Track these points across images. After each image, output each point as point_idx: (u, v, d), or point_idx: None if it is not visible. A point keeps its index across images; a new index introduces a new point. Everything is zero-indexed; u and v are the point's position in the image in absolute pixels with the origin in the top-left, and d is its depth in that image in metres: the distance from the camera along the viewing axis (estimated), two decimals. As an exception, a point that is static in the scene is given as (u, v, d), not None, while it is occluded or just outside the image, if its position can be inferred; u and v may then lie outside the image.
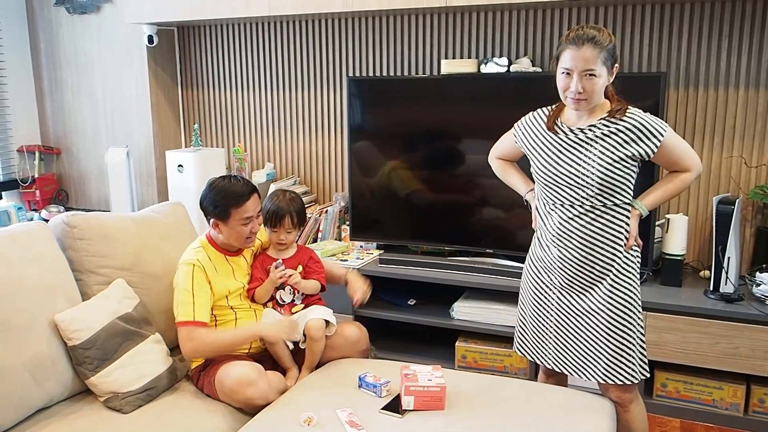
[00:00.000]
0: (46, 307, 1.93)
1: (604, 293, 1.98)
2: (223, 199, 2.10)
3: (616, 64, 1.90)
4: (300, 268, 2.29)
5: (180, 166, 3.51)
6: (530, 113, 2.10)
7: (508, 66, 3.02)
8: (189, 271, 2.08)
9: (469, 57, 3.25)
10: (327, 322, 2.22)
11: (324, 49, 3.55)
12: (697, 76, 2.90)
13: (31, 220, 3.86)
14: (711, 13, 2.84)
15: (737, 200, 2.63)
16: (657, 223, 2.87)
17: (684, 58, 2.91)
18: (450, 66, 3.12)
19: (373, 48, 3.44)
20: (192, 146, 3.65)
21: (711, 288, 2.68)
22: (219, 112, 3.91)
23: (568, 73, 1.87)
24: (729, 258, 2.62)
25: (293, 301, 2.26)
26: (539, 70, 3.03)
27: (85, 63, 3.97)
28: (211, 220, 2.14)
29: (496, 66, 3.03)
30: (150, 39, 3.66)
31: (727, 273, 2.63)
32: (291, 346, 2.22)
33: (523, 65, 3.01)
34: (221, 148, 3.89)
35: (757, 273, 2.66)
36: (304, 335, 2.20)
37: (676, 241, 2.77)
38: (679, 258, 2.79)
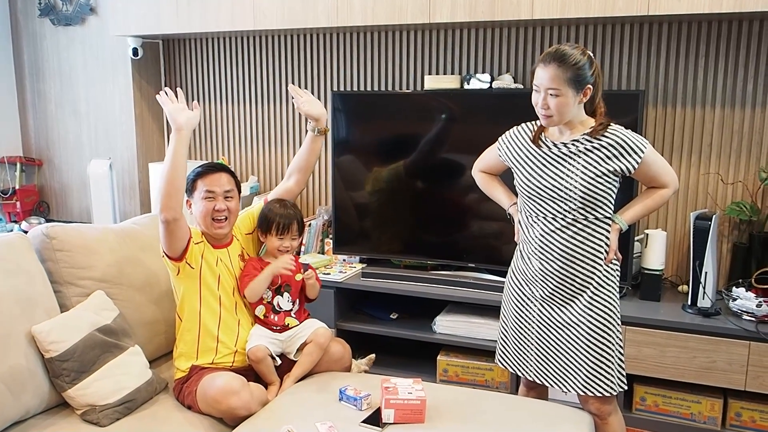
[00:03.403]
0: (23, 319, 1.91)
1: (584, 306, 2.00)
2: (193, 173, 2.16)
3: (588, 86, 1.91)
4: (299, 276, 2.26)
5: (163, 178, 3.50)
6: (515, 127, 2.13)
7: (491, 82, 3.07)
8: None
9: (452, 73, 3.29)
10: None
11: (309, 63, 3.58)
12: (675, 94, 2.96)
13: (11, 231, 3.82)
14: (688, 33, 2.91)
15: (714, 216, 2.67)
16: (636, 238, 2.91)
17: (662, 77, 2.97)
18: (433, 82, 3.15)
19: (358, 63, 3.47)
20: (175, 159, 3.64)
21: (689, 302, 2.72)
22: (203, 125, 3.91)
23: (537, 90, 1.93)
24: (706, 273, 2.66)
25: (290, 310, 2.25)
26: (521, 86, 3.08)
27: (69, 75, 3.96)
28: (187, 201, 2.17)
29: (478, 82, 3.07)
30: (135, 51, 3.66)
31: (704, 288, 2.67)
32: (278, 362, 2.20)
33: (505, 82, 3.06)
34: (205, 161, 3.89)
35: (734, 288, 2.70)
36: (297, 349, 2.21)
37: (654, 256, 2.81)
38: (657, 273, 2.82)
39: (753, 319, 2.58)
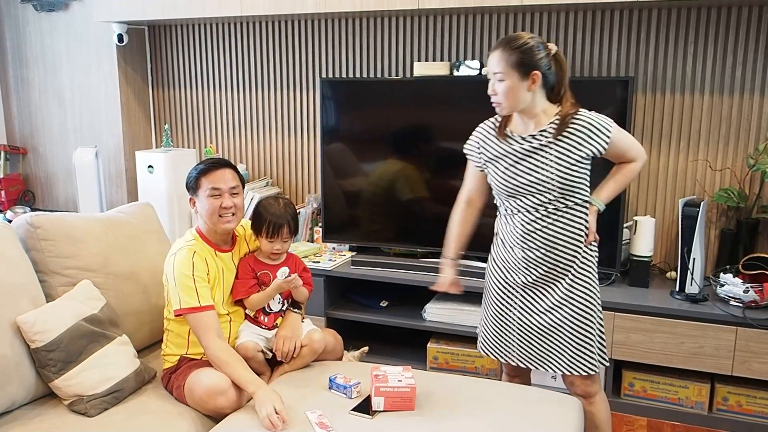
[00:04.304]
0: (8, 309, 1.89)
1: (565, 289, 2.01)
2: (196, 170, 2.11)
3: (535, 71, 1.87)
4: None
5: (150, 166, 3.47)
6: (477, 128, 2.10)
7: (480, 69, 3.05)
8: (188, 256, 2.03)
9: (442, 60, 3.27)
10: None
11: (297, 49, 3.54)
12: (664, 81, 2.96)
13: (-4, 221, 3.77)
14: (678, 20, 2.90)
15: (702, 203, 2.68)
16: (625, 225, 2.92)
17: (651, 64, 2.96)
18: (423, 68, 3.13)
19: (346, 49, 3.44)
20: (163, 147, 3.61)
21: (677, 289, 2.73)
22: (190, 112, 3.87)
23: (489, 78, 1.93)
24: (694, 259, 2.68)
25: (280, 310, 2.22)
26: (510, 73, 3.06)
27: (53, 61, 3.90)
28: (191, 200, 2.12)
29: (468, 69, 3.05)
30: (120, 38, 3.61)
31: (692, 274, 2.69)
32: (270, 354, 2.18)
33: (495, 68, 3.04)
34: (192, 148, 3.85)
35: (721, 274, 2.72)
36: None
37: (643, 242, 2.82)
38: (646, 259, 2.83)
39: (740, 304, 2.60)
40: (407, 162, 3.12)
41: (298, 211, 3.39)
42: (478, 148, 2.08)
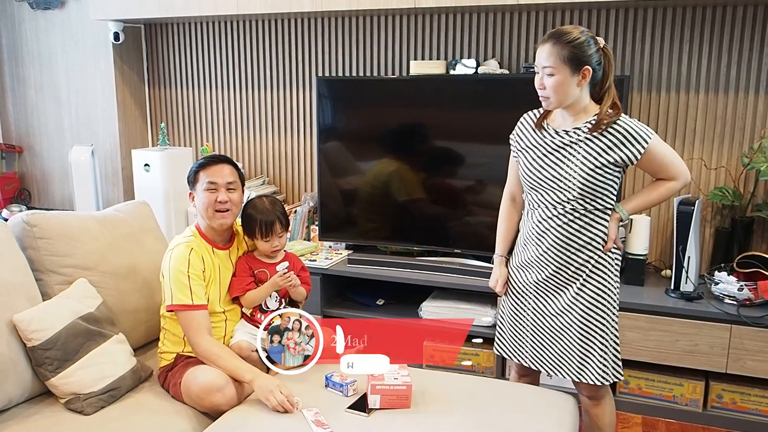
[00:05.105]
0: (5, 308, 1.89)
1: (575, 293, 1.99)
2: (196, 165, 2.12)
3: (587, 66, 1.85)
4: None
5: (146, 165, 3.47)
6: (520, 118, 2.09)
7: (476, 68, 3.05)
8: (185, 252, 2.03)
9: (438, 58, 3.27)
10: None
11: (293, 48, 3.54)
12: (660, 79, 2.97)
13: (-8, 219, 3.76)
14: (673, 19, 2.91)
15: (697, 201, 2.69)
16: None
17: (647, 62, 2.97)
18: (419, 67, 3.14)
19: (343, 48, 3.44)
20: (159, 145, 3.61)
21: (672, 287, 2.75)
22: (187, 110, 3.87)
23: (537, 72, 1.89)
24: (689, 257, 2.69)
25: (277, 309, 2.22)
26: (507, 72, 3.07)
27: (49, 60, 3.89)
28: (190, 194, 2.15)
29: (464, 68, 3.06)
30: (116, 36, 3.60)
31: (687, 272, 2.70)
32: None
33: (491, 67, 3.05)
34: (189, 147, 3.85)
35: (716, 272, 2.73)
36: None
37: (639, 241, 2.83)
38: (641, 258, 2.85)
39: (734, 302, 2.61)
40: (404, 160, 3.12)
41: (294, 209, 3.42)
42: (516, 137, 2.07)
